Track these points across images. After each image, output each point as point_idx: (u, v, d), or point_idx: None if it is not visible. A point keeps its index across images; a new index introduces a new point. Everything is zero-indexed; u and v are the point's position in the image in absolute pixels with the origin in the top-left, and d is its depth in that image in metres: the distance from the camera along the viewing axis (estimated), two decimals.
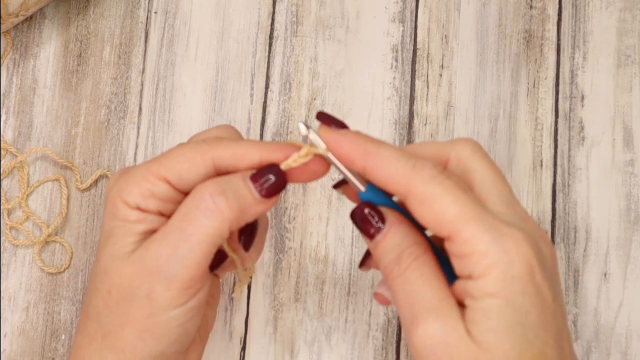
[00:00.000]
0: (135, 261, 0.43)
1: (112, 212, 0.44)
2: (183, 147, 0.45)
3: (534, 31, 0.62)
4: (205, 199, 0.43)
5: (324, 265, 0.58)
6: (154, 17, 0.62)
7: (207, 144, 0.44)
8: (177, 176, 0.44)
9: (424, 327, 0.40)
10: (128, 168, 0.46)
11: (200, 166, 0.44)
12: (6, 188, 0.59)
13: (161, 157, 0.44)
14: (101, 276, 0.44)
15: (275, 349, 0.57)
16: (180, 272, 0.43)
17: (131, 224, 0.44)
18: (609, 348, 0.57)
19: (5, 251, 0.58)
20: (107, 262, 0.44)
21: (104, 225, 0.45)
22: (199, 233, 0.42)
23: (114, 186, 0.45)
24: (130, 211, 0.44)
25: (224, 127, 0.48)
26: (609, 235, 0.58)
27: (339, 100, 0.60)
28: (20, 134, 0.60)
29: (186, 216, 0.43)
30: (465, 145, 0.44)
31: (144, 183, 0.44)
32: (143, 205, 0.44)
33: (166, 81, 0.61)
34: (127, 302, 0.43)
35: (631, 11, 0.62)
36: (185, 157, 0.44)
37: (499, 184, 0.43)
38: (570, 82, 0.61)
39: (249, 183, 0.44)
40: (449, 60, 0.61)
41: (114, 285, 0.44)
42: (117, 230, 0.44)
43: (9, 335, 0.57)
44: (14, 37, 0.61)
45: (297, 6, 0.62)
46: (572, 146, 0.60)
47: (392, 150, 0.41)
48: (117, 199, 0.44)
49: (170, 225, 0.43)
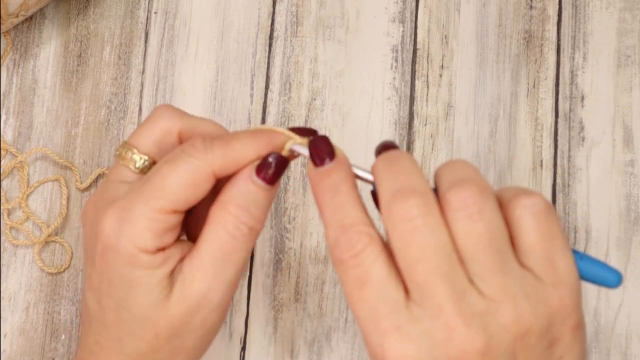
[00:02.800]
0: (180, 301, 0.43)
1: (131, 263, 0.42)
2: (176, 171, 0.42)
3: (534, 31, 0.62)
4: (239, 227, 0.43)
5: (324, 265, 0.58)
6: (154, 17, 0.62)
7: (200, 159, 0.43)
8: (184, 203, 0.43)
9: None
10: (120, 209, 0.43)
11: (203, 186, 0.43)
12: (6, 188, 0.59)
13: (158, 190, 0.42)
14: (139, 323, 0.43)
15: (275, 349, 0.57)
16: (228, 296, 0.44)
17: (157, 269, 0.43)
18: (609, 348, 0.57)
19: (5, 251, 0.58)
20: (145, 311, 0.43)
21: (116, 273, 0.43)
22: (242, 258, 0.44)
23: (116, 235, 0.42)
24: (154, 257, 0.43)
25: (160, 112, 0.46)
26: (609, 236, 0.58)
27: (339, 100, 0.60)
28: (20, 134, 0.60)
29: (226, 247, 0.43)
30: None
31: (154, 224, 0.42)
32: (162, 244, 0.43)
33: (166, 81, 0.61)
34: (179, 338, 0.44)
35: (631, 11, 0.62)
36: (187, 183, 0.42)
37: None
38: (570, 82, 0.61)
39: (257, 180, 0.43)
40: (449, 61, 0.61)
41: (162, 328, 0.43)
42: (145, 280, 0.43)
43: (9, 336, 0.57)
44: (14, 37, 0.61)
45: (297, 6, 0.62)
46: (572, 146, 0.60)
47: (330, 214, 0.40)
48: (133, 250, 0.42)
49: (209, 256, 0.43)
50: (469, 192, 0.38)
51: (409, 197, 0.38)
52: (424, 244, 0.38)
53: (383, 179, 0.40)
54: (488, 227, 0.38)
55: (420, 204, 0.38)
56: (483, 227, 0.38)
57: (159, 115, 0.46)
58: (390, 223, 0.38)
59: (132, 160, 0.45)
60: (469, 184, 0.38)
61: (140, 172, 0.46)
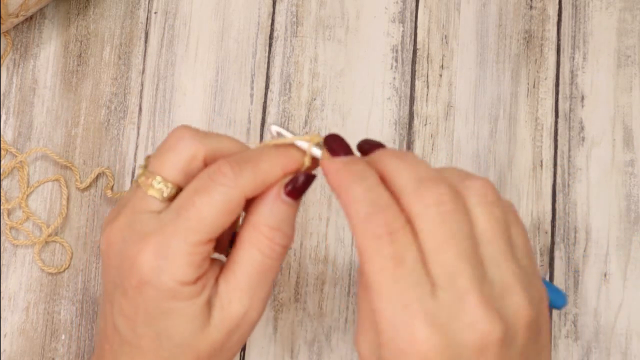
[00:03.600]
0: (220, 324, 0.43)
1: (173, 297, 0.42)
2: (210, 202, 0.42)
3: (534, 31, 0.62)
4: (274, 248, 0.43)
5: (324, 265, 0.58)
6: (154, 17, 0.62)
7: (231, 187, 0.42)
8: (219, 230, 0.43)
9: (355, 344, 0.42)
10: (157, 244, 0.42)
11: (237, 211, 0.43)
12: (6, 188, 0.59)
13: (195, 224, 0.42)
14: (182, 349, 0.43)
15: (275, 349, 0.57)
16: (259, 315, 0.45)
17: (198, 297, 0.43)
18: (609, 348, 0.57)
19: (5, 251, 0.58)
20: (187, 338, 0.43)
21: (155, 305, 0.43)
22: (275, 275, 0.44)
23: (156, 271, 0.42)
24: (193, 287, 0.43)
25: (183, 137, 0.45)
26: (609, 236, 0.58)
27: (339, 100, 0.60)
28: (20, 134, 0.60)
29: (262, 268, 0.43)
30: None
31: (193, 257, 0.42)
32: (201, 272, 0.43)
33: (166, 81, 0.61)
34: (217, 357, 0.44)
35: (631, 11, 0.62)
36: (221, 213, 0.42)
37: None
38: (570, 82, 0.61)
39: (286, 199, 0.44)
40: (449, 61, 0.61)
41: (202, 350, 0.43)
42: (187, 310, 0.43)
43: (9, 335, 0.57)
44: (14, 37, 0.61)
45: (297, 6, 0.62)
46: (572, 146, 0.60)
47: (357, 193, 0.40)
48: (174, 284, 0.42)
49: (246, 278, 0.43)
50: (486, 183, 0.41)
51: (440, 183, 0.39)
52: (453, 227, 0.39)
53: (401, 167, 0.41)
54: (503, 215, 0.40)
55: (449, 191, 0.39)
56: (500, 213, 0.40)
57: (181, 141, 0.45)
58: (421, 206, 0.39)
59: (158, 190, 0.44)
60: (482, 178, 0.41)
61: (167, 200, 0.44)
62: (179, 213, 0.43)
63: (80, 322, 0.57)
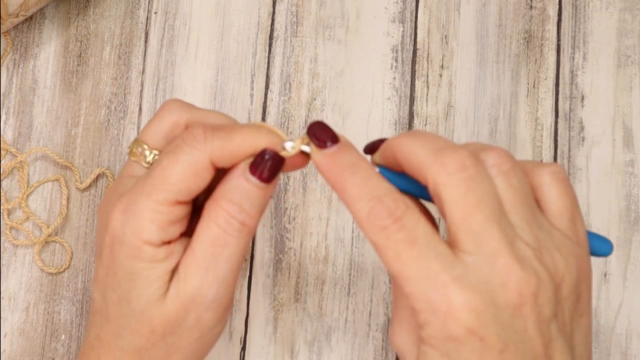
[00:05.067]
0: (175, 297, 0.43)
1: (135, 255, 0.43)
2: (176, 162, 0.43)
3: (534, 31, 0.62)
4: (230, 222, 0.43)
5: (324, 265, 0.58)
6: (154, 17, 0.62)
7: (199, 149, 0.43)
8: (186, 193, 0.43)
9: (391, 338, 0.42)
10: (126, 202, 0.43)
11: (203, 175, 0.43)
12: (6, 188, 0.59)
13: (159, 182, 0.43)
14: (136, 317, 0.43)
15: (275, 349, 0.57)
16: (224, 295, 0.44)
17: (160, 263, 0.43)
18: (609, 348, 0.57)
19: (5, 251, 0.58)
20: (143, 305, 0.43)
21: (120, 265, 0.43)
22: (236, 254, 0.43)
23: (122, 227, 0.43)
24: (157, 250, 0.43)
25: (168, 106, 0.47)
26: (609, 236, 0.58)
27: (339, 100, 0.60)
28: (20, 134, 0.60)
29: (217, 241, 0.43)
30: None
31: (158, 216, 0.43)
32: (167, 237, 0.43)
33: (166, 81, 0.61)
34: (174, 334, 0.44)
35: (631, 11, 0.62)
36: (187, 174, 0.43)
37: (468, 218, 0.40)
38: (570, 82, 0.61)
39: (251, 178, 0.43)
40: (449, 61, 0.61)
41: (158, 324, 0.43)
42: (147, 273, 0.43)
43: (9, 336, 0.57)
44: (14, 37, 0.61)
45: (297, 6, 0.62)
46: (572, 146, 0.60)
47: (355, 189, 0.41)
48: (138, 242, 0.43)
49: (201, 251, 0.43)
50: (501, 152, 0.41)
51: (459, 149, 0.40)
52: (480, 191, 0.39)
53: (417, 144, 0.41)
54: (521, 183, 0.41)
55: (470, 155, 0.40)
56: (518, 182, 0.40)
57: (167, 110, 0.47)
58: (444, 174, 0.39)
59: (142, 155, 0.46)
60: (499, 147, 0.41)
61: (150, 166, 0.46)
62: (149, 173, 0.44)
63: (80, 322, 0.57)
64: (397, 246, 0.39)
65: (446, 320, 0.38)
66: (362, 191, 0.40)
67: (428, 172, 0.40)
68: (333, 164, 0.42)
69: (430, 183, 0.40)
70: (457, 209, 0.39)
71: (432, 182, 0.40)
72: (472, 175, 0.39)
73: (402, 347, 0.41)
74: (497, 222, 0.39)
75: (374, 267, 0.58)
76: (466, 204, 0.39)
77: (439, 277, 0.38)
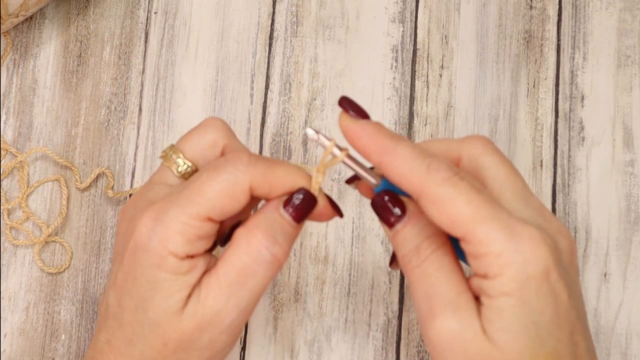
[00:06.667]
0: (192, 315, 0.43)
1: (158, 265, 0.43)
2: (216, 180, 0.43)
3: (534, 31, 0.62)
4: (262, 252, 0.43)
5: (324, 265, 0.58)
6: (154, 17, 0.62)
7: (241, 172, 0.43)
8: (219, 213, 0.43)
9: (440, 321, 0.40)
10: (157, 210, 0.43)
11: (240, 198, 0.43)
12: (6, 188, 0.59)
13: (196, 194, 0.43)
14: (151, 327, 0.43)
15: (275, 349, 0.57)
16: (240, 321, 0.44)
17: (183, 276, 0.43)
18: (609, 348, 0.57)
19: (5, 251, 0.58)
20: (159, 316, 0.43)
21: (142, 272, 0.43)
22: (261, 285, 0.43)
23: (149, 235, 0.43)
24: (181, 262, 0.43)
25: (213, 123, 0.47)
26: (609, 236, 0.58)
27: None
28: (20, 134, 0.60)
29: (245, 270, 0.43)
30: (477, 142, 0.45)
31: (188, 229, 0.43)
32: (192, 251, 0.43)
33: (166, 81, 0.61)
34: (185, 352, 0.44)
35: (631, 11, 0.62)
36: (224, 193, 0.43)
37: (512, 179, 0.43)
38: (570, 82, 0.61)
39: (284, 213, 0.44)
40: (449, 61, 0.61)
41: (171, 339, 0.43)
42: (167, 284, 0.43)
43: (9, 336, 0.57)
44: (14, 37, 0.61)
45: (297, 6, 0.62)
46: (572, 146, 0.60)
47: (409, 150, 0.41)
48: (163, 252, 0.43)
49: (226, 277, 0.43)
50: (480, 137, 0.45)
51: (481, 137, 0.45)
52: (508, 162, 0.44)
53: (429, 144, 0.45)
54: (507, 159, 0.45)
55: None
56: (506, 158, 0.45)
57: (211, 126, 0.47)
58: (480, 147, 0.44)
59: (175, 163, 0.46)
60: (475, 135, 0.46)
61: (181, 177, 0.46)
62: (186, 185, 0.44)
63: (80, 322, 0.57)
64: (468, 192, 0.40)
65: (528, 257, 0.39)
66: (415, 151, 0.41)
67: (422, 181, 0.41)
68: (379, 132, 0.42)
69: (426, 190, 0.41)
70: (497, 176, 0.43)
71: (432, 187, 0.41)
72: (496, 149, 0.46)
73: (451, 328, 0.40)
74: (528, 187, 0.44)
75: (374, 267, 0.58)
76: (507, 166, 0.44)
77: (513, 218, 0.40)
